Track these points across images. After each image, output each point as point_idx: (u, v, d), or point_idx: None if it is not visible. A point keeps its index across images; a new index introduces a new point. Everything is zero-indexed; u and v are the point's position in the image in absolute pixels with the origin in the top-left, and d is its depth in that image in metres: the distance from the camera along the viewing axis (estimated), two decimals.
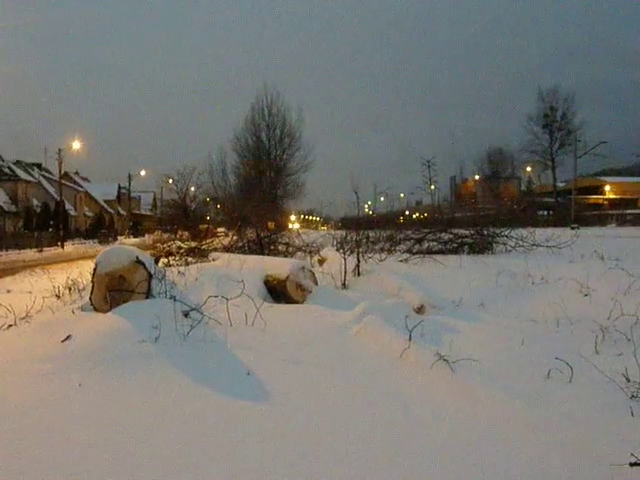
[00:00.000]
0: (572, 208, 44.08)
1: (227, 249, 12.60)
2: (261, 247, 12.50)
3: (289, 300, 7.29)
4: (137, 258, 5.84)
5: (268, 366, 4.27)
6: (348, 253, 9.51)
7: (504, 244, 12.80)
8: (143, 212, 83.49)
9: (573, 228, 30.29)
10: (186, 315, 5.38)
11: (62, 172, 45.09)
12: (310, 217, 75.53)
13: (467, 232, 13.27)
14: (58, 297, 7.25)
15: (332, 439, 2.99)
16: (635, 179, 68.59)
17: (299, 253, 12.88)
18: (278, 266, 7.81)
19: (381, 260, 10.60)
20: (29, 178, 53.61)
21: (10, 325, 5.59)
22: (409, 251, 12.49)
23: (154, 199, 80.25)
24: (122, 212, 75.55)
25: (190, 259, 11.47)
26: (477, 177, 74.05)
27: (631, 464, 2.52)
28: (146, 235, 55.69)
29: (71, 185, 62.50)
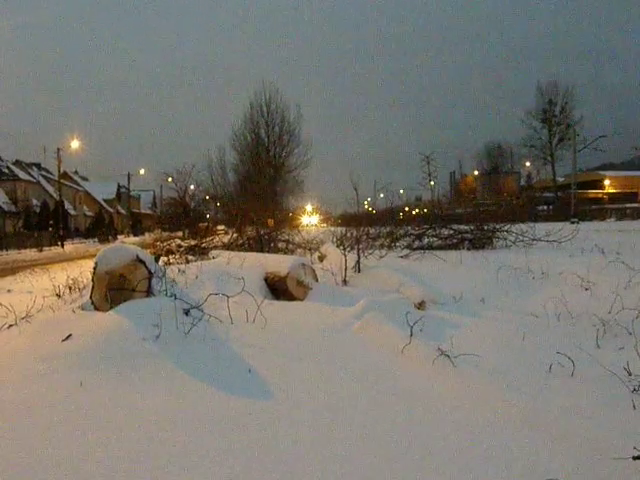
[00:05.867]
0: (572, 202, 44.03)
1: (227, 247, 12.59)
2: (261, 244, 12.49)
3: (290, 297, 7.28)
4: (137, 256, 5.83)
5: (269, 363, 4.27)
6: (348, 249, 9.50)
7: (504, 239, 12.80)
8: (143, 211, 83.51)
9: (573, 222, 30.28)
10: (187, 313, 5.38)
11: (61, 171, 45.10)
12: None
13: (467, 227, 13.27)
14: (58, 296, 7.25)
15: (334, 435, 2.98)
16: (634, 173, 68.58)
17: (299, 250, 12.88)
18: (278, 263, 7.81)
19: (381, 256, 10.58)
20: (28, 178, 53.62)
21: (11, 325, 5.59)
22: (409, 247, 12.48)
23: (154, 198, 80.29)
24: (122, 211, 75.57)
25: (190, 257, 11.46)
26: (476, 172, 74.02)
27: (634, 457, 2.51)
28: (146, 234, 55.73)
29: (70, 184, 62.52)
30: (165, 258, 11.43)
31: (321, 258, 10.83)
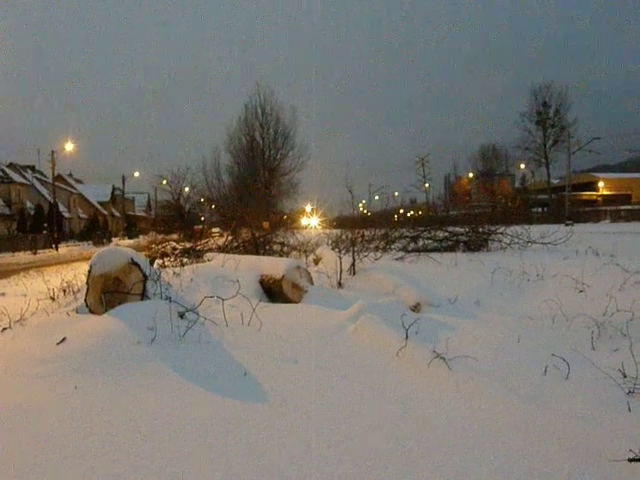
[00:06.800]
0: (566, 205, 44.23)
1: (222, 249, 12.57)
2: (256, 247, 12.47)
3: (285, 300, 7.27)
4: (132, 259, 5.82)
5: (265, 366, 4.26)
6: (343, 252, 9.51)
7: (499, 241, 12.84)
8: (137, 213, 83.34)
9: (567, 224, 30.45)
10: (182, 316, 5.36)
11: (55, 174, 44.91)
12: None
13: (462, 230, 13.30)
14: (53, 299, 7.21)
15: (330, 438, 2.98)
16: (628, 175, 69.04)
17: (294, 253, 12.87)
18: (273, 266, 7.79)
19: (376, 259, 10.59)
20: (22, 180, 53.42)
21: (5, 328, 5.56)
22: (404, 249, 12.49)
23: (148, 200, 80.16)
24: (116, 214, 75.36)
25: (185, 260, 11.43)
26: (471, 175, 74.27)
27: (629, 460, 2.52)
28: (141, 236, 55.59)
29: (65, 187, 62.33)
30: (160, 261, 11.41)
31: (316, 261, 10.83)
